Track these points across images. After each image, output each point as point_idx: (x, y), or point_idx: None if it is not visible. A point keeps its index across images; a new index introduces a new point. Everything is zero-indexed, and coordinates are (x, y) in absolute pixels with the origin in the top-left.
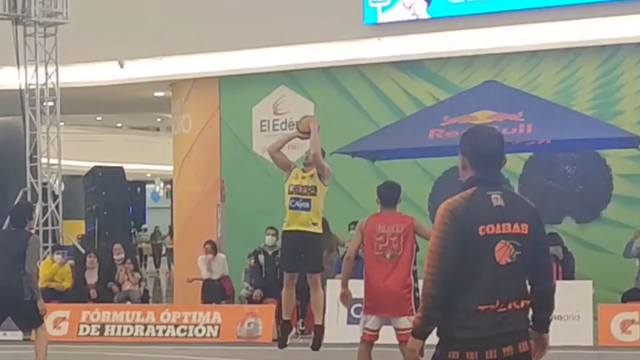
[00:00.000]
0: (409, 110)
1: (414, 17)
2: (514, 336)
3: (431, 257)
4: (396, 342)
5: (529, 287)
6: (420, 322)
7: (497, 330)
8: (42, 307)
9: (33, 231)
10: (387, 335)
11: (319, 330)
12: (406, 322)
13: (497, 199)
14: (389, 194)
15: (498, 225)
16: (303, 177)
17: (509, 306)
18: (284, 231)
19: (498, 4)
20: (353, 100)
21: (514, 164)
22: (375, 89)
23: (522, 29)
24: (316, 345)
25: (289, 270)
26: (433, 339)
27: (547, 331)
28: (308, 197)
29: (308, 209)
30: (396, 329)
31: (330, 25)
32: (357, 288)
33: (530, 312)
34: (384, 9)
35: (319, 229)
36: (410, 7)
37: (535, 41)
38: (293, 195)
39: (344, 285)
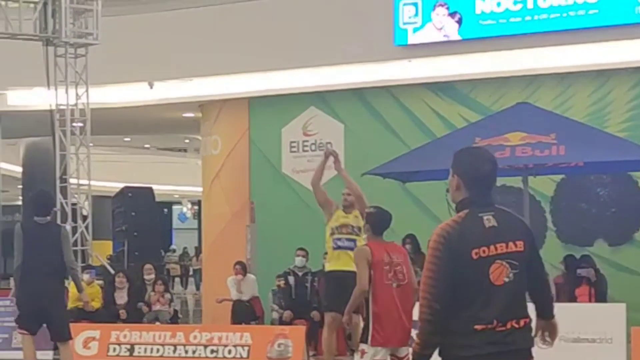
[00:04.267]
0: (439, 131)
1: (445, 39)
2: (513, 355)
3: (426, 283)
4: None
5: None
6: (419, 348)
7: (495, 349)
8: (86, 300)
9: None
10: None
11: None
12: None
13: (489, 220)
14: (384, 222)
15: (492, 247)
16: (346, 217)
17: (508, 325)
18: (329, 271)
19: (530, 25)
20: (383, 122)
21: (545, 186)
22: (406, 111)
23: (554, 50)
24: None
25: (333, 310)
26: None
27: (553, 317)
28: (353, 237)
29: (353, 248)
30: (398, 357)
31: (360, 46)
32: None
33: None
34: (414, 30)
35: None
36: (441, 29)
37: (568, 63)
38: (336, 236)
39: (349, 313)
